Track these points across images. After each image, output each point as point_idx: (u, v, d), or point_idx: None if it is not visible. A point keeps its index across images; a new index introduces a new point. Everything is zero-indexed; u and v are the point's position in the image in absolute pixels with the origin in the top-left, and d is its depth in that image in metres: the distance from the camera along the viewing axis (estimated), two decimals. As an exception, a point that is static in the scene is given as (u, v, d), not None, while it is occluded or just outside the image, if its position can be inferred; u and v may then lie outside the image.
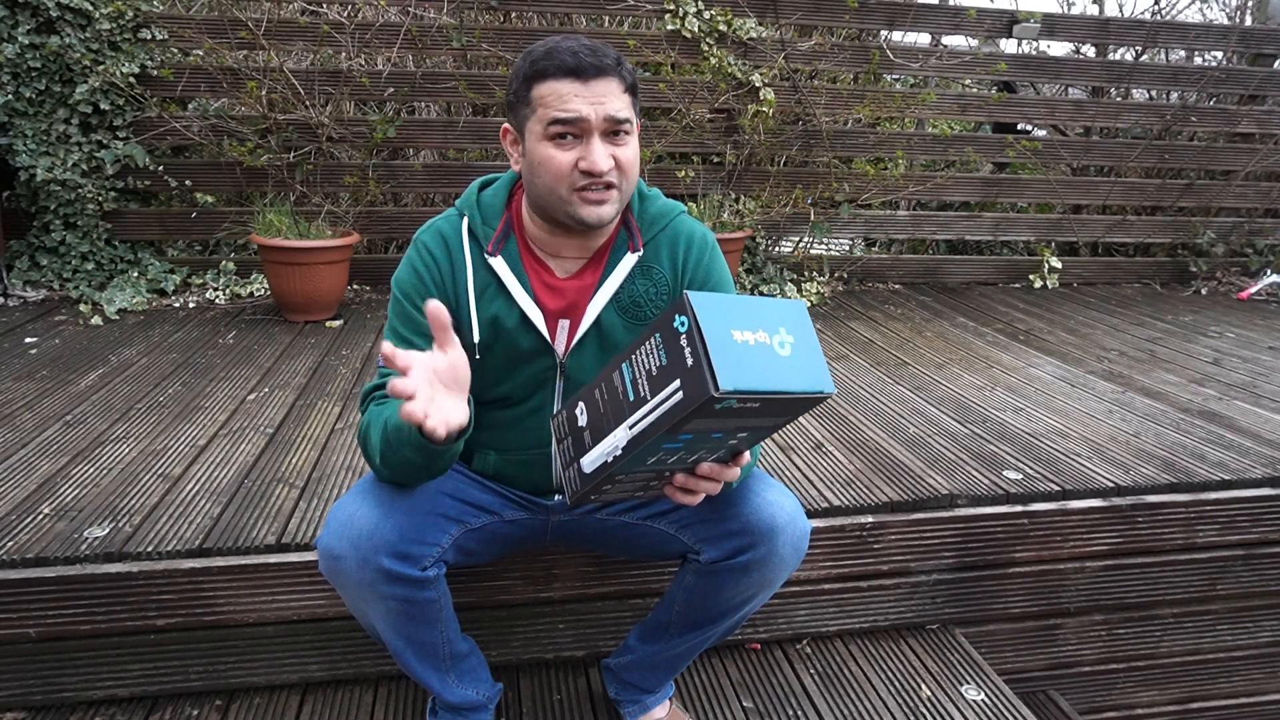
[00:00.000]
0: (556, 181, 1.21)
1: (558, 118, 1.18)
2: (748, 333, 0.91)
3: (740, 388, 0.87)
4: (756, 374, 0.89)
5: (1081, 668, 2.10)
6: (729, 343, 0.89)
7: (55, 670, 1.58)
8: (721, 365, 0.87)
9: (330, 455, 2.04)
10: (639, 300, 1.33)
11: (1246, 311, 4.07)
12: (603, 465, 1.00)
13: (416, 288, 1.30)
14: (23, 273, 3.47)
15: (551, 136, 1.20)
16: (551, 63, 1.18)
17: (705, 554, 1.33)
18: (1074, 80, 4.46)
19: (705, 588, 1.35)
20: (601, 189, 1.21)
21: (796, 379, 0.91)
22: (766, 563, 1.28)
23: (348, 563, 1.18)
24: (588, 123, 1.18)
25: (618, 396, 0.98)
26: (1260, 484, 2.06)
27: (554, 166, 1.20)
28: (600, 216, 1.23)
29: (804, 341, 0.94)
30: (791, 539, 1.28)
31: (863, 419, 2.39)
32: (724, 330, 0.89)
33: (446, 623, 1.35)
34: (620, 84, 1.21)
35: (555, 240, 1.32)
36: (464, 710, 1.46)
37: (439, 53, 3.72)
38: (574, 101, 1.18)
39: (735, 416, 0.93)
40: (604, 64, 1.19)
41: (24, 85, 3.28)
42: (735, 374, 0.87)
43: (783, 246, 4.28)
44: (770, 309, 0.94)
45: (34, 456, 1.98)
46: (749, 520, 1.27)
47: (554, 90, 1.18)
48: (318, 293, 3.28)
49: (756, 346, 0.90)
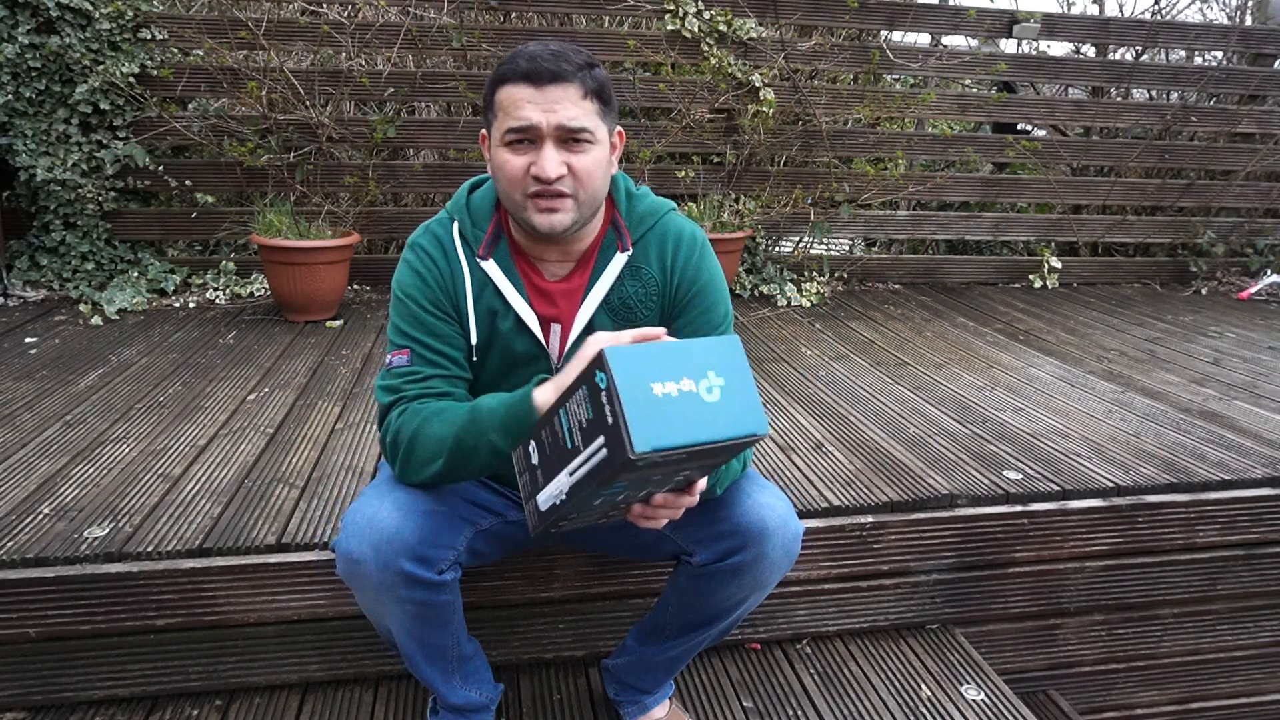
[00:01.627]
0: (511, 187, 1.21)
1: (510, 125, 1.18)
2: (670, 384, 0.89)
3: (658, 446, 0.86)
4: (678, 428, 0.87)
5: (1081, 668, 2.10)
6: (648, 399, 0.87)
7: (55, 670, 1.58)
8: (637, 425, 0.85)
9: (330, 455, 2.04)
10: (629, 302, 1.33)
11: (1246, 311, 4.07)
12: (553, 506, 1.00)
13: (420, 288, 1.29)
14: (23, 273, 3.47)
15: (508, 143, 1.19)
16: (510, 68, 1.18)
17: (697, 556, 1.32)
18: (1074, 80, 4.46)
19: (698, 590, 1.34)
20: (553, 197, 1.19)
21: (724, 426, 0.90)
22: (757, 565, 1.27)
23: (369, 566, 1.17)
24: (539, 130, 1.17)
25: (559, 441, 0.97)
26: (1260, 484, 2.06)
27: (508, 171, 1.20)
28: (552, 225, 1.21)
29: (735, 382, 0.92)
30: (782, 541, 1.27)
31: (863, 419, 2.39)
32: (642, 386, 0.87)
33: (457, 625, 1.35)
34: (579, 90, 1.18)
35: (537, 245, 1.31)
36: (466, 711, 1.46)
37: (439, 53, 3.72)
38: (526, 108, 1.16)
39: (666, 465, 0.91)
40: (561, 70, 1.16)
41: (24, 85, 3.28)
42: (653, 432, 0.86)
43: (783, 246, 4.28)
44: (699, 351, 0.92)
45: (34, 456, 1.98)
46: (739, 523, 1.26)
47: (510, 96, 1.18)
48: (318, 293, 3.28)
49: (680, 397, 0.89)
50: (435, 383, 1.27)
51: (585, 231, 1.30)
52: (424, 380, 1.27)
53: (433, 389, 1.26)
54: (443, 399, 1.26)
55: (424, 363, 1.28)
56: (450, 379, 1.28)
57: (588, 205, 1.24)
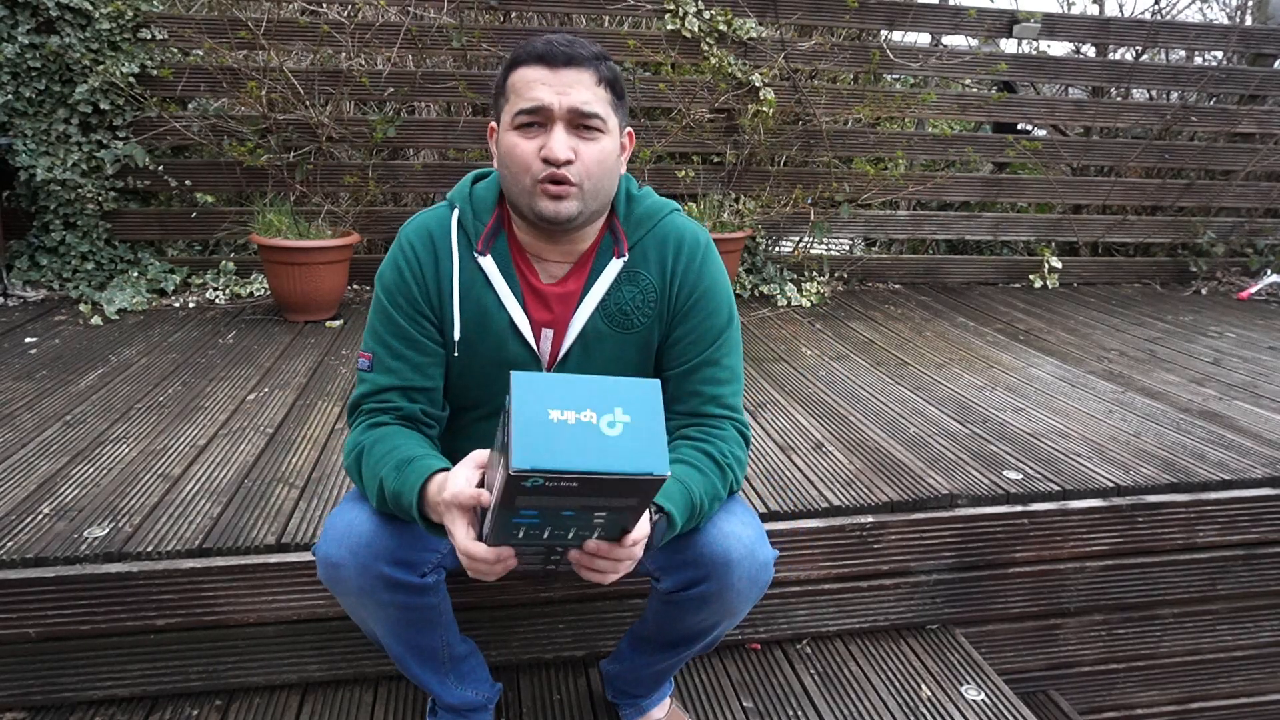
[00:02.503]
0: (521, 171, 1.18)
1: (522, 106, 1.16)
2: (570, 412, 0.89)
3: (539, 465, 0.86)
4: (563, 453, 0.87)
5: (1081, 668, 2.10)
6: (541, 422, 0.88)
7: (55, 670, 1.58)
8: (521, 444, 0.86)
9: (330, 455, 2.04)
10: (625, 309, 1.29)
11: (1246, 311, 4.07)
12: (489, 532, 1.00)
13: (399, 285, 1.27)
14: (23, 273, 3.47)
15: (518, 125, 1.18)
16: (524, 51, 1.18)
17: (663, 582, 1.28)
18: (1074, 80, 4.46)
19: (669, 614, 1.31)
20: (561, 183, 1.17)
21: (616, 459, 0.89)
22: (722, 596, 1.22)
23: (347, 570, 1.17)
24: (550, 110, 1.16)
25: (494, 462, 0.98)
26: (1260, 484, 2.06)
27: (517, 155, 1.18)
28: (558, 212, 1.18)
29: (641, 421, 0.91)
30: (748, 572, 1.21)
31: (863, 419, 2.39)
32: (539, 409, 0.88)
33: (446, 626, 1.34)
34: (593, 76, 1.17)
35: (537, 242, 1.28)
36: (464, 711, 1.46)
37: (439, 53, 3.72)
38: (538, 89, 1.15)
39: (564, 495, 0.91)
40: (576, 54, 1.16)
41: (24, 85, 3.28)
42: (536, 453, 0.86)
43: (783, 246, 4.28)
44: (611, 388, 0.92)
45: (34, 456, 1.98)
46: (702, 552, 1.21)
47: (523, 77, 1.17)
48: (318, 293, 3.28)
49: (577, 425, 0.89)
50: (390, 396, 1.26)
51: (587, 231, 1.28)
52: (379, 394, 1.26)
53: (385, 403, 1.26)
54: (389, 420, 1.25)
55: (383, 370, 1.27)
56: (406, 391, 1.27)
57: (593, 198, 1.21)
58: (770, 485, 1.93)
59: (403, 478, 1.13)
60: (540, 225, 1.23)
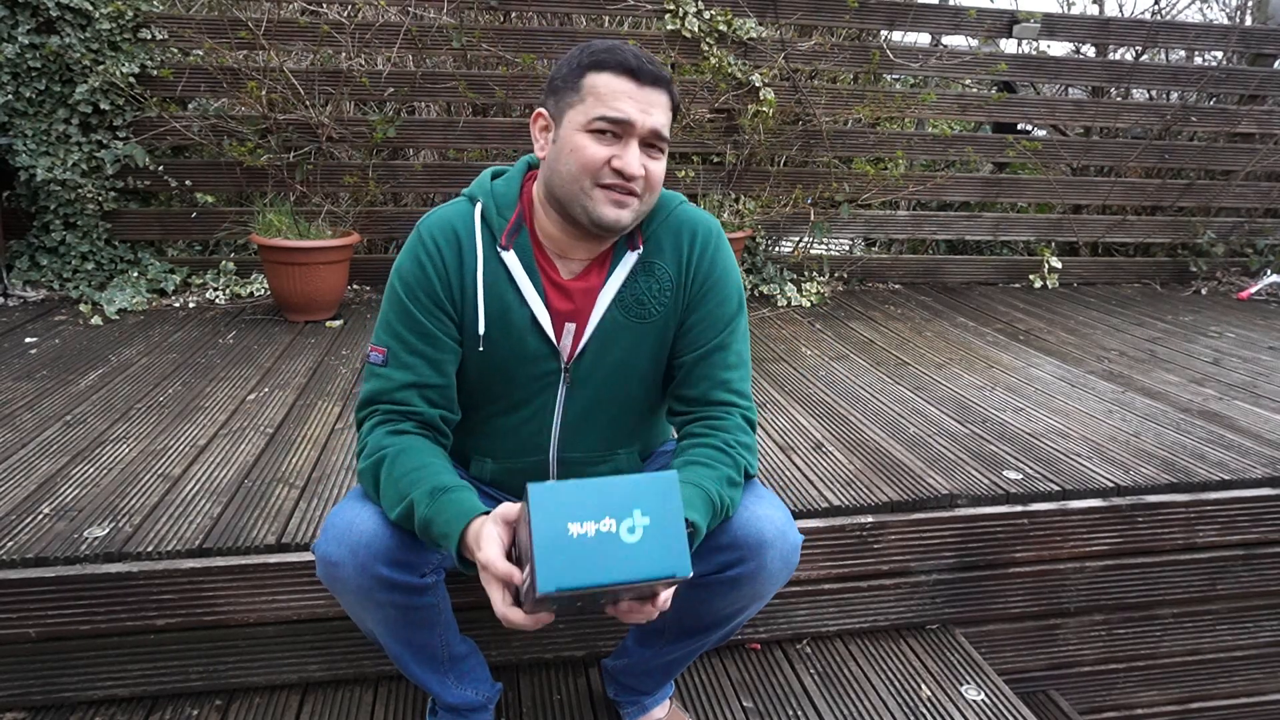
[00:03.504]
0: (583, 172, 1.18)
1: (605, 114, 1.16)
2: (590, 523, 0.92)
3: (563, 586, 0.89)
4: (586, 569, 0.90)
5: (1081, 668, 2.10)
6: (561, 539, 0.90)
7: (55, 670, 1.58)
8: (544, 565, 0.89)
9: (330, 455, 2.04)
10: (642, 299, 1.31)
11: (1246, 311, 4.07)
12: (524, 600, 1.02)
13: (420, 280, 1.26)
14: (23, 273, 3.47)
15: (593, 130, 1.18)
16: (613, 58, 1.18)
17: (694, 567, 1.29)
18: (1074, 80, 4.46)
19: (695, 599, 1.32)
20: (626, 193, 1.19)
21: (639, 567, 0.92)
22: (755, 577, 1.24)
23: (345, 569, 1.17)
24: (633, 126, 1.17)
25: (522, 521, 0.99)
26: (1260, 484, 2.06)
27: (585, 156, 1.18)
28: (618, 219, 1.21)
29: (660, 523, 0.94)
30: (781, 553, 1.24)
31: (863, 419, 2.39)
32: (559, 526, 0.91)
33: (445, 626, 1.34)
34: (669, 100, 1.21)
35: (565, 239, 1.29)
36: (463, 711, 1.46)
37: (439, 53, 3.72)
38: (625, 102, 1.17)
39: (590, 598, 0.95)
40: (660, 75, 1.19)
41: (24, 85, 3.28)
42: (560, 574, 0.89)
43: (783, 246, 4.28)
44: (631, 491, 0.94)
45: (34, 456, 1.98)
46: (737, 535, 1.23)
47: (609, 85, 1.17)
48: (318, 293, 3.28)
49: (597, 537, 0.91)
50: (408, 396, 1.25)
51: None
52: (396, 392, 1.25)
53: (404, 406, 1.25)
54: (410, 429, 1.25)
55: (398, 365, 1.26)
56: (422, 390, 1.26)
57: (645, 210, 1.25)
58: (770, 485, 1.93)
59: (438, 508, 1.12)
60: (580, 224, 1.23)
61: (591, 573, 0.90)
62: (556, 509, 0.91)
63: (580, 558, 0.90)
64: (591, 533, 0.91)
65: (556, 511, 0.91)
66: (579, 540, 0.91)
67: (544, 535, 0.90)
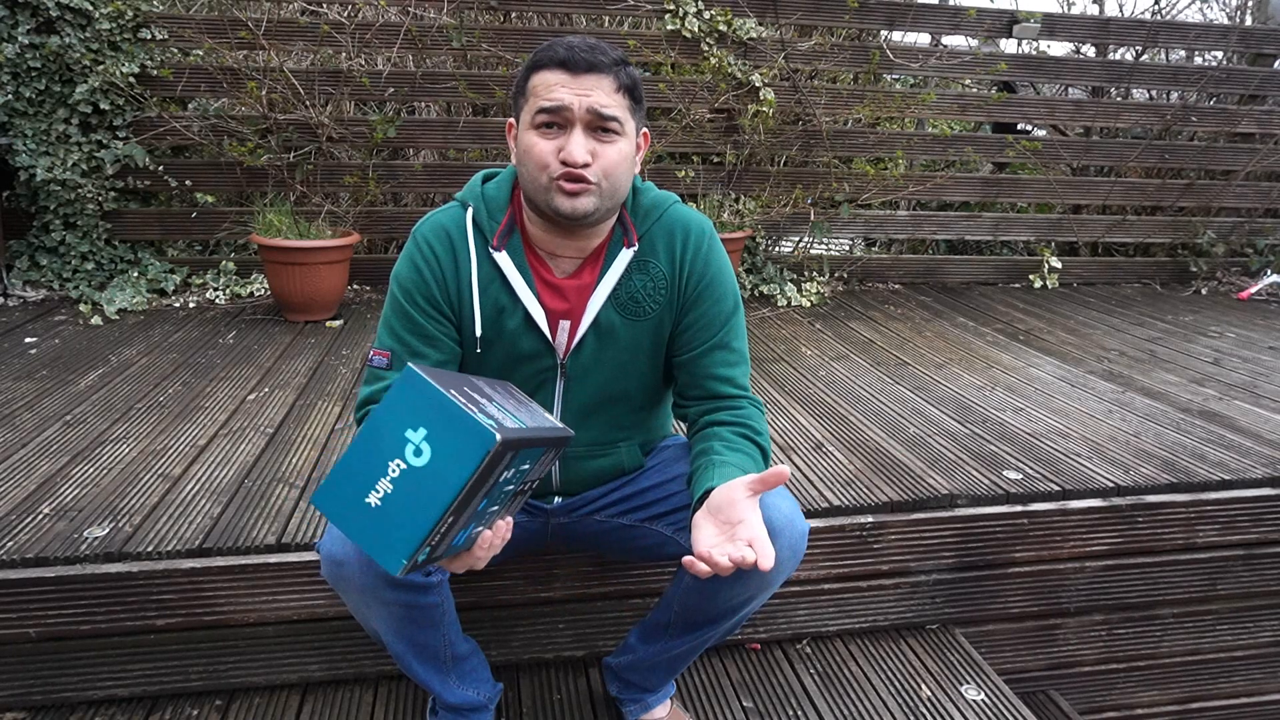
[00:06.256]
0: (538, 170, 1.21)
1: (542, 106, 1.19)
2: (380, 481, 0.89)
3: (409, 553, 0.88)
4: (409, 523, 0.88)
5: (1081, 668, 2.10)
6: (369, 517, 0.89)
7: (55, 670, 1.58)
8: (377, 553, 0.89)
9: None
10: (637, 297, 1.32)
11: (1246, 311, 4.07)
12: None
13: (418, 284, 1.29)
14: (23, 273, 3.47)
15: (537, 125, 1.20)
16: (547, 54, 1.20)
17: None
18: (1074, 80, 4.46)
19: (703, 590, 1.33)
20: (578, 181, 1.20)
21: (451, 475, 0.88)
22: None
23: (351, 568, 1.18)
24: (570, 112, 1.18)
25: None
26: (1260, 484, 2.06)
27: (535, 154, 1.20)
28: (575, 208, 1.21)
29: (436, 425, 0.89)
30: (789, 541, 1.25)
31: (863, 419, 2.39)
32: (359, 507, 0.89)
33: (448, 625, 1.34)
34: (612, 82, 1.20)
35: (552, 239, 1.30)
36: (464, 711, 1.46)
37: (439, 53, 3.72)
38: (559, 91, 1.18)
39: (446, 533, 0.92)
40: (597, 60, 1.19)
41: (24, 85, 3.28)
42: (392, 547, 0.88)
43: (783, 246, 4.28)
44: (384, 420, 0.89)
45: (34, 456, 1.98)
46: None
47: (544, 80, 1.19)
48: (318, 293, 3.28)
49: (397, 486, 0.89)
50: None
51: (600, 227, 1.30)
52: None
53: None
54: None
55: (400, 367, 1.28)
56: None
57: (609, 197, 1.24)
58: (770, 485, 1.93)
59: None
60: (557, 221, 1.25)
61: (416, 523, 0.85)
62: (344, 499, 0.87)
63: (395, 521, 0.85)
64: (389, 488, 0.86)
65: (345, 500, 0.87)
66: (385, 503, 0.86)
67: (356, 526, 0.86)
